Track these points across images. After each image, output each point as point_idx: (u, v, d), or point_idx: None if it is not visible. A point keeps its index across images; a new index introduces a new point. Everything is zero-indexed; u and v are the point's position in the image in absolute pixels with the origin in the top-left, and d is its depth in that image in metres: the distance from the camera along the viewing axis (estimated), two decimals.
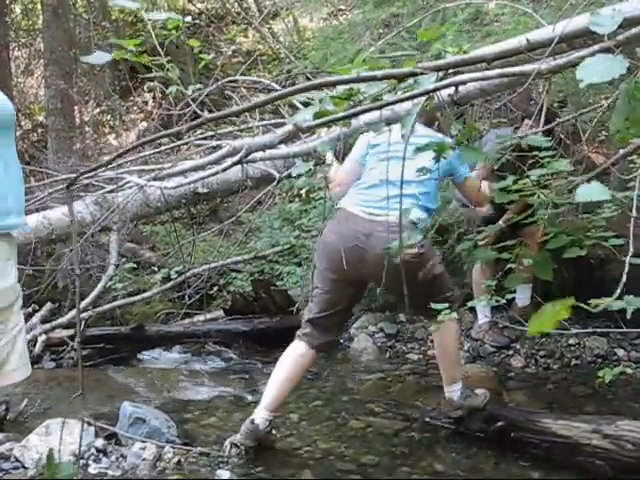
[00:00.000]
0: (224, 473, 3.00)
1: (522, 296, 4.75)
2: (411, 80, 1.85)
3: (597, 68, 1.31)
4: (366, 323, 5.30)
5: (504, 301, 3.45)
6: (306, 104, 2.28)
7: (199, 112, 1.79)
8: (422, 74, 1.58)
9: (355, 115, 1.65)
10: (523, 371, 4.50)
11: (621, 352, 4.53)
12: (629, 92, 1.30)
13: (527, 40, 1.58)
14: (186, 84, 2.45)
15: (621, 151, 1.37)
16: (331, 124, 2.14)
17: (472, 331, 4.91)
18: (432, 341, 4.89)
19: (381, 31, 5.60)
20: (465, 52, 1.65)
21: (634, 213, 1.32)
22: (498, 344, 4.77)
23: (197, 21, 9.92)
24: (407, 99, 1.61)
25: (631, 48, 1.64)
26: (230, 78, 3.30)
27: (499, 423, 3.30)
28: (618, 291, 1.56)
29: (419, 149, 1.89)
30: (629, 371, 2.69)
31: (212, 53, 5.54)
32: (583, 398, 3.99)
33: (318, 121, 1.69)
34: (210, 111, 2.16)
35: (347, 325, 5.36)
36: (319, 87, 1.67)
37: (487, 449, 3.28)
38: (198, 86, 2.21)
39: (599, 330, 4.27)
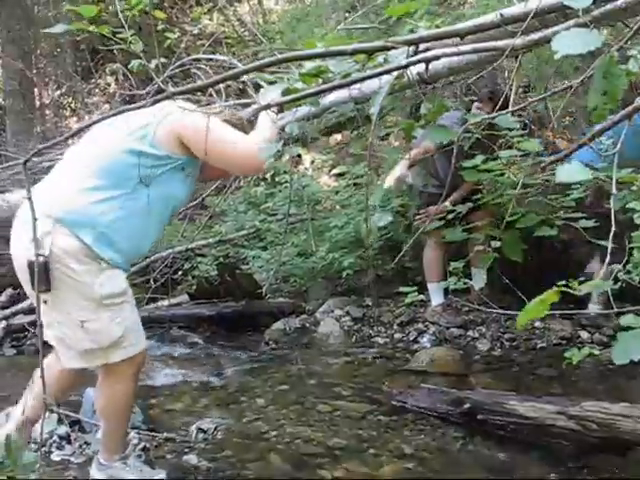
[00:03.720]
0: (192, 458, 2.97)
1: (477, 279, 4.76)
2: (381, 58, 1.82)
3: (573, 41, 1.29)
4: (332, 307, 5.29)
5: (463, 285, 3.47)
6: (272, 84, 2.24)
7: (164, 88, 1.73)
8: (393, 48, 1.55)
9: (326, 91, 1.61)
10: (489, 354, 4.52)
11: (585, 334, 4.58)
12: (605, 68, 1.29)
13: (501, 15, 1.55)
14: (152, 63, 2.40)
15: (597, 127, 1.36)
16: (299, 103, 2.10)
17: (426, 314, 4.93)
18: (399, 324, 4.93)
19: (347, 15, 5.55)
20: (438, 27, 1.62)
21: (614, 191, 1.31)
22: (453, 324, 4.80)
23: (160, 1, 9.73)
24: (380, 74, 1.57)
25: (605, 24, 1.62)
26: (195, 56, 3.22)
27: (466, 405, 3.31)
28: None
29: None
30: (596, 352, 2.72)
31: (176, 34, 5.42)
32: (549, 380, 4.02)
33: (287, 97, 1.65)
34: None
35: (313, 309, 5.36)
36: (287, 61, 1.62)
37: (454, 431, 3.29)
38: (162, 60, 2.14)
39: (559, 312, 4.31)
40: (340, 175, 7.31)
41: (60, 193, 2.46)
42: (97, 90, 9.78)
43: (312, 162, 7.69)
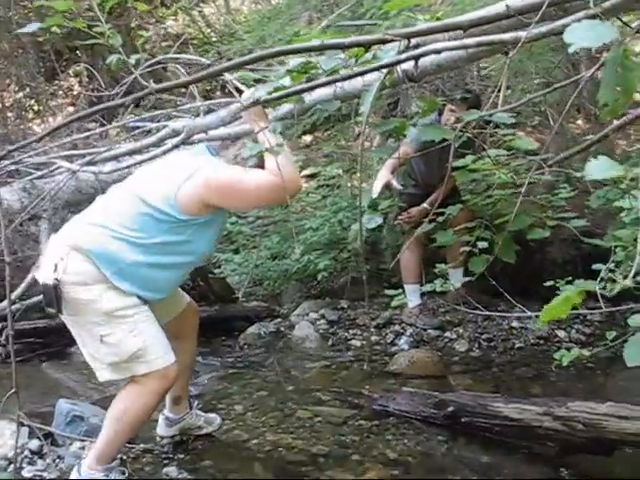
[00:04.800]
0: (171, 470, 2.87)
1: (454, 280, 4.75)
2: (368, 55, 1.75)
3: (586, 33, 1.23)
4: (307, 310, 5.20)
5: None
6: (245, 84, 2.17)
7: (145, 84, 1.64)
8: (392, 41, 1.48)
9: (318, 87, 1.53)
10: (467, 355, 4.48)
11: (562, 333, 4.57)
12: (618, 60, 1.24)
13: (507, 6, 1.49)
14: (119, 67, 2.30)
15: (615, 122, 1.31)
16: (283, 101, 2.02)
17: (403, 316, 4.88)
18: (375, 327, 4.87)
19: (319, 15, 5.48)
20: (439, 19, 1.56)
21: None
22: (430, 326, 4.76)
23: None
24: (375, 69, 1.50)
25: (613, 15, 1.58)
26: (172, 55, 3.12)
27: (449, 408, 3.26)
28: None
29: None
30: (585, 353, 2.68)
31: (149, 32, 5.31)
32: (528, 380, 4.01)
33: (276, 94, 1.57)
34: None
35: (287, 313, 5.28)
36: (279, 55, 1.55)
37: (438, 435, 3.24)
38: (138, 56, 2.05)
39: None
40: (311, 177, 7.26)
41: (88, 228, 2.65)
42: (61, 92, 9.56)
43: None
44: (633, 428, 2.74)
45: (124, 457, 2.92)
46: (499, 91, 2.09)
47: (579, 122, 6.50)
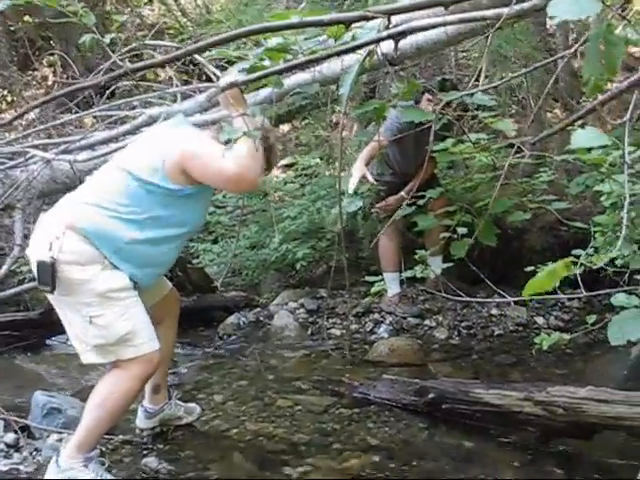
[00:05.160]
0: (151, 461, 2.83)
1: (434, 267, 4.75)
2: (348, 37, 1.73)
3: (570, 7, 1.22)
4: (286, 299, 5.18)
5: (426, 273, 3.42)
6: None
7: (121, 64, 1.60)
8: (373, 18, 1.45)
9: (297, 67, 1.50)
10: (447, 342, 4.49)
11: (541, 320, 4.60)
12: (602, 36, 1.22)
13: None
14: (95, 54, 2.25)
15: (600, 97, 1.30)
16: (262, 84, 1.99)
17: (382, 304, 4.88)
18: (354, 315, 4.86)
19: (296, 4, 5.42)
20: None
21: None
22: (410, 314, 4.76)
23: None
24: (355, 48, 1.47)
25: None
26: (149, 42, 3.06)
27: (430, 395, 3.26)
28: None
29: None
30: (566, 337, 2.68)
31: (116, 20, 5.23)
32: (508, 366, 4.02)
33: (255, 75, 1.54)
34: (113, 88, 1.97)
35: (266, 302, 5.26)
36: (259, 32, 1.51)
37: (419, 422, 3.24)
38: (112, 35, 2.00)
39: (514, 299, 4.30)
40: (288, 166, 7.22)
41: (83, 207, 2.62)
42: (34, 83, 9.42)
43: None
44: (612, 411, 2.75)
45: (103, 449, 2.88)
46: (479, 75, 2.08)
47: (557, 111, 6.53)
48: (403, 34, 1.63)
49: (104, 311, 2.57)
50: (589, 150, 2.10)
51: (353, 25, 1.60)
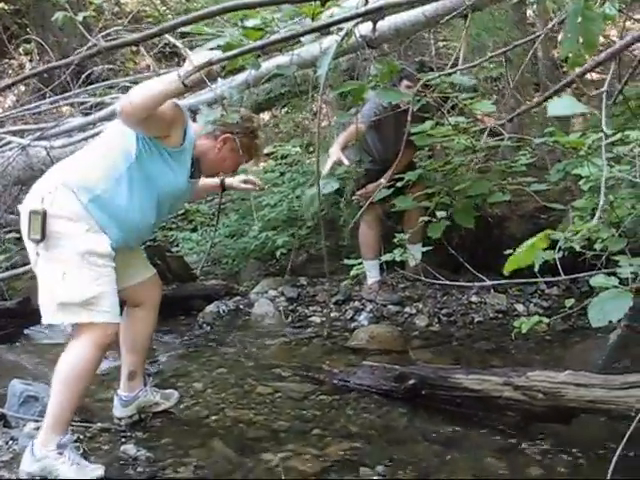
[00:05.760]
0: (129, 448, 2.81)
1: (415, 254, 4.75)
2: (326, 16, 1.71)
3: None
4: (266, 287, 5.16)
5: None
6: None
7: (95, 42, 1.57)
8: None
9: (274, 44, 1.48)
10: (427, 329, 4.50)
11: (520, 307, 4.62)
12: (581, 12, 1.21)
13: None
14: (70, 42, 2.21)
15: (577, 70, 1.29)
16: (239, 64, 1.96)
17: (362, 292, 4.88)
18: (335, 303, 4.86)
19: None
20: None
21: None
22: (390, 301, 4.76)
23: None
24: (333, 24, 1.45)
25: None
26: (127, 28, 3.01)
27: (410, 381, 3.26)
28: None
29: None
30: (545, 320, 2.69)
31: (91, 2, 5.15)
32: (488, 353, 4.03)
33: (231, 53, 1.51)
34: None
35: (246, 291, 5.24)
36: (236, 9, 1.49)
37: (399, 408, 3.24)
38: (86, 13, 1.96)
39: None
40: (268, 155, 7.18)
41: (74, 165, 2.80)
42: (10, 72, 9.30)
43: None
44: (590, 395, 2.76)
45: (81, 436, 2.86)
46: (457, 59, 2.07)
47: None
48: (380, 10, 1.61)
49: (79, 270, 2.64)
50: (567, 134, 2.10)
51: (331, 4, 1.59)
